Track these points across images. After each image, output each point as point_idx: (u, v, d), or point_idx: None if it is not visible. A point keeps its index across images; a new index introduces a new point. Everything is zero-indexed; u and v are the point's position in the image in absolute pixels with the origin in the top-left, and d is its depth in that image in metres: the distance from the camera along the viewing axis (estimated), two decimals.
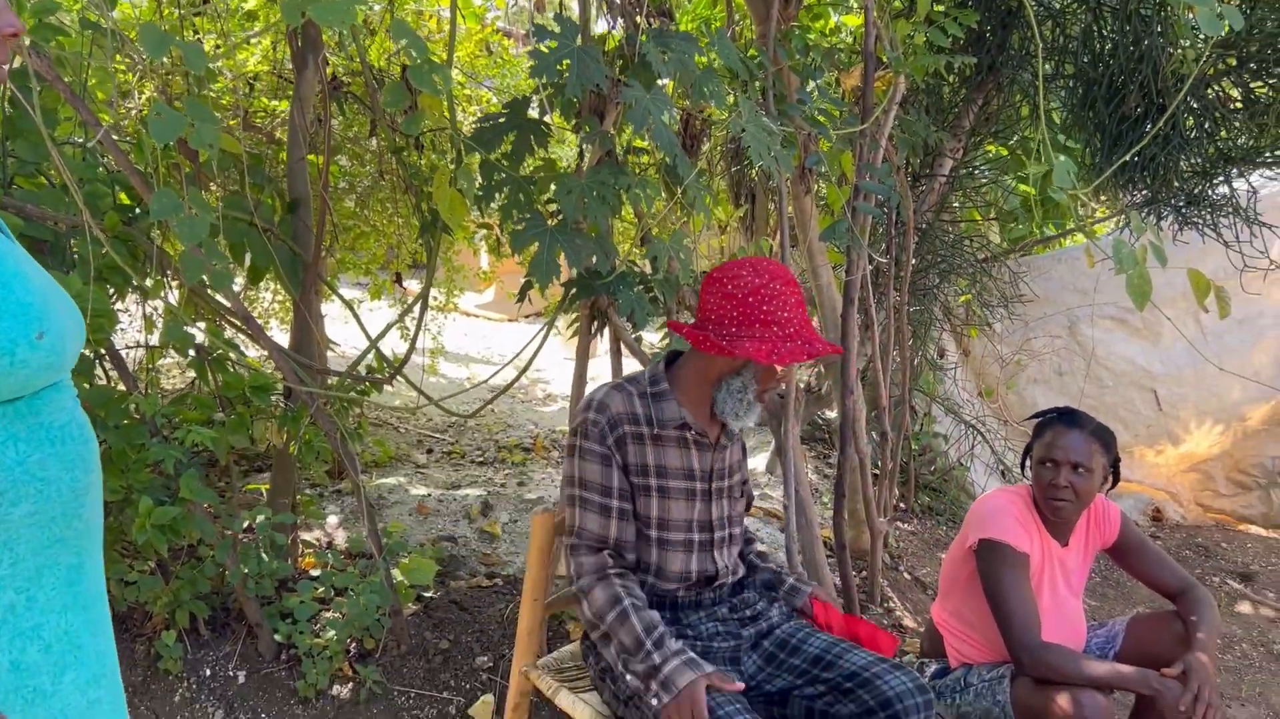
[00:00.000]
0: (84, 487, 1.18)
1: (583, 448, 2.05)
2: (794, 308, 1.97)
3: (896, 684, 1.99)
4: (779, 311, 1.94)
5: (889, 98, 2.96)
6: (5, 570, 1.10)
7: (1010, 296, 4.42)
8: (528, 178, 2.42)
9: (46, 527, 1.13)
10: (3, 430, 1.09)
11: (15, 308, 1.07)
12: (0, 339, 1.04)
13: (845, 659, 2.08)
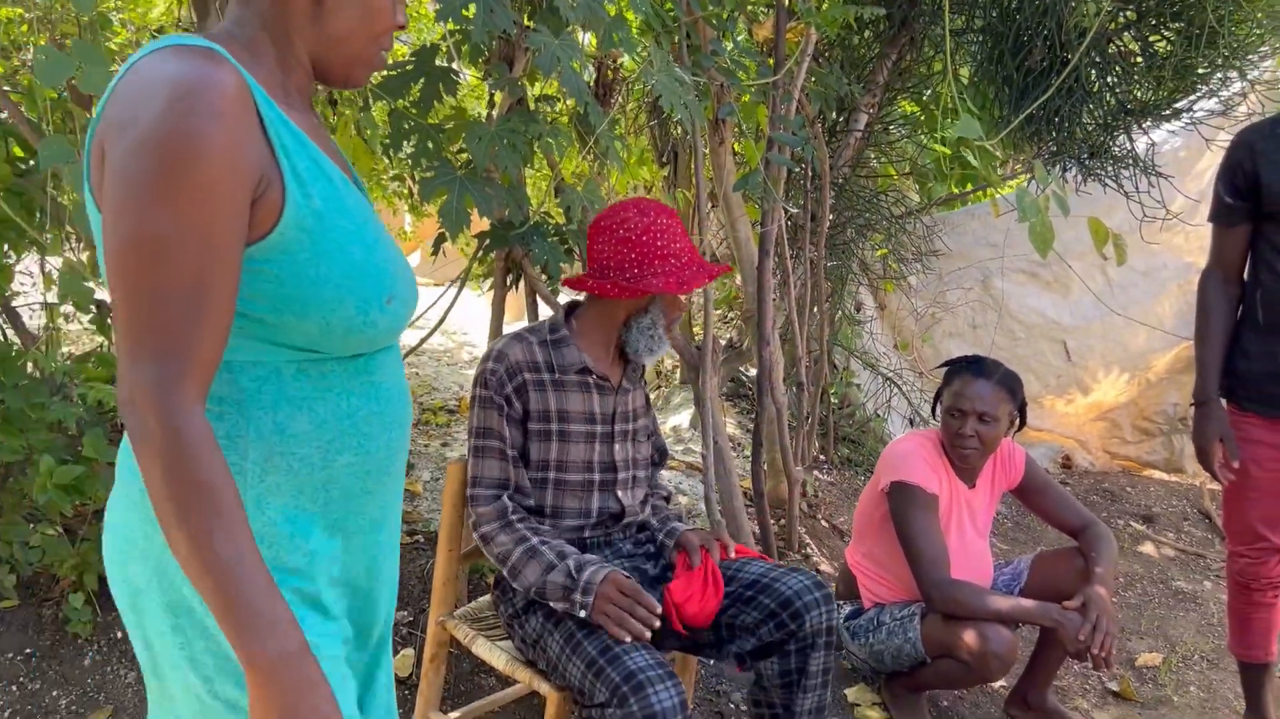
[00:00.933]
0: (397, 447, 1.27)
1: (481, 397, 2.09)
2: (682, 238, 2.06)
3: (795, 584, 2.08)
4: (672, 244, 2.03)
5: (801, 49, 2.98)
6: (320, 509, 1.17)
7: (925, 251, 4.50)
8: (436, 126, 2.39)
9: (361, 479, 1.21)
10: (341, 383, 1.17)
11: (375, 271, 1.14)
12: (359, 299, 1.11)
13: (744, 571, 2.17)
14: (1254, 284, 2.42)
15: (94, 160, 1.03)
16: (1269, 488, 2.44)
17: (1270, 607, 2.54)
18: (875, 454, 4.70)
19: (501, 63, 2.40)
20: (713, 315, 3.02)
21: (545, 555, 1.98)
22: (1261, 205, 2.34)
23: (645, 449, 2.32)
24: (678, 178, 5.17)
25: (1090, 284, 4.99)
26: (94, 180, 1.04)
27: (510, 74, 2.39)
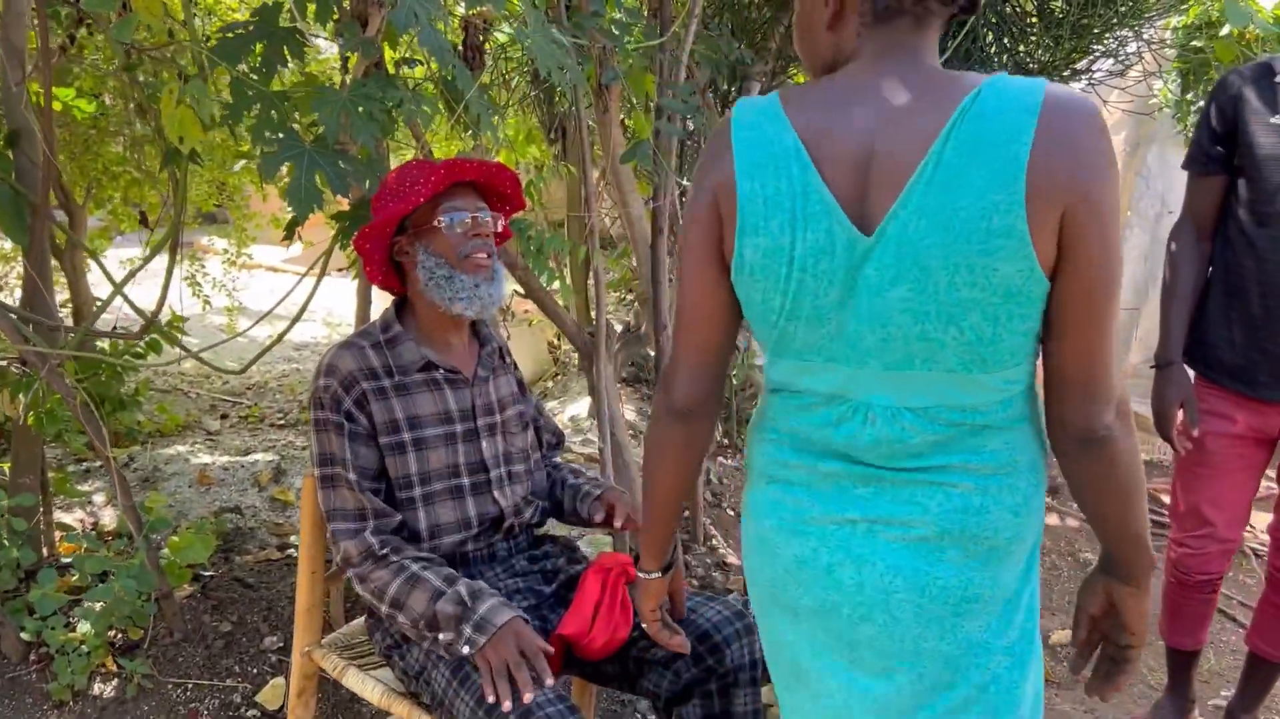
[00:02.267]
0: None
1: (318, 420, 1.84)
2: (432, 170, 1.86)
3: (713, 614, 1.87)
4: (411, 179, 1.85)
5: (688, 10, 2.78)
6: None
7: None
8: (281, 93, 2.11)
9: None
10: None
11: None
12: None
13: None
14: (1222, 243, 2.25)
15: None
16: (1223, 465, 2.29)
17: (1206, 601, 2.43)
18: None
19: (353, 21, 2.13)
20: (605, 297, 2.81)
21: (430, 582, 1.75)
22: (1236, 155, 2.17)
23: (522, 440, 2.08)
24: (567, 154, 4.93)
25: None
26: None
27: (364, 34, 2.12)
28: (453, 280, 1.85)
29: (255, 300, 8.14)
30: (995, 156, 1.02)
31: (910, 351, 1.11)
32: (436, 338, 1.95)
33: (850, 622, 1.20)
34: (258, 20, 2.15)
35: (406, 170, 1.88)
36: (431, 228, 1.86)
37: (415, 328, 1.95)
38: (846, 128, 1.10)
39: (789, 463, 1.23)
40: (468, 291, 1.86)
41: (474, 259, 1.86)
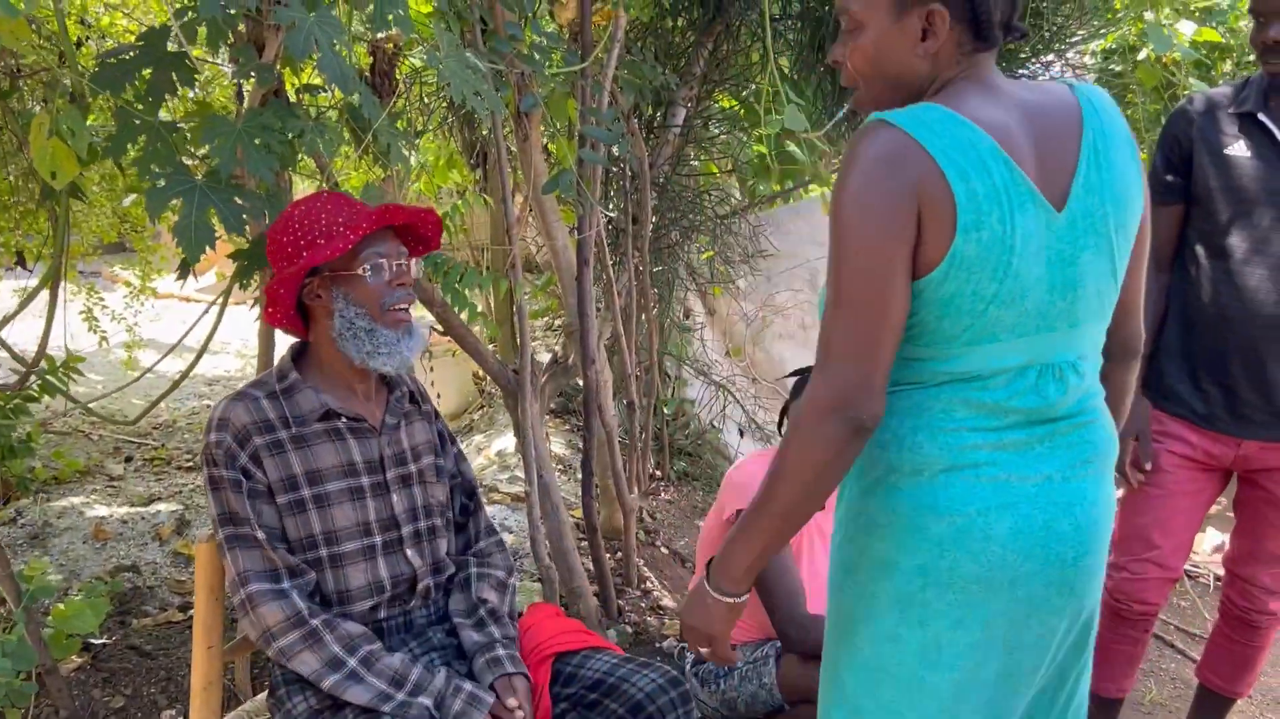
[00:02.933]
0: None
1: (213, 478, 1.69)
2: (340, 208, 1.73)
3: (646, 684, 1.75)
4: (318, 220, 1.71)
5: (610, 34, 2.67)
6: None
7: (752, 252, 4.30)
8: (169, 123, 1.94)
9: None
10: None
11: None
12: None
13: (586, 668, 1.83)
14: (1179, 275, 2.20)
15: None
16: (1175, 487, 2.23)
17: (1137, 641, 2.36)
18: (713, 467, 4.47)
19: (248, 46, 1.98)
20: (530, 332, 2.68)
21: (373, 684, 1.64)
22: (1192, 185, 2.13)
23: (440, 492, 1.93)
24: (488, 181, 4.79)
25: None
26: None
27: (260, 59, 1.96)
28: (374, 334, 1.71)
29: (166, 332, 7.82)
30: (1121, 138, 1.31)
31: (1089, 309, 1.31)
32: (339, 384, 1.80)
33: (1073, 565, 1.33)
34: (143, 45, 1.99)
35: (322, 207, 1.73)
36: (353, 275, 1.71)
37: (316, 374, 1.80)
38: (1017, 126, 1.25)
39: (974, 445, 1.30)
40: (389, 347, 1.72)
41: (395, 313, 1.73)
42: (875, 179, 1.22)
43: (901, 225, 1.21)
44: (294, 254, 1.70)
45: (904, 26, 1.28)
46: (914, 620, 1.34)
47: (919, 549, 1.31)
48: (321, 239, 1.69)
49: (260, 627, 1.66)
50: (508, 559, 2.01)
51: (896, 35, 1.29)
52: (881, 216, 1.21)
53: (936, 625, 1.33)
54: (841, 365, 1.22)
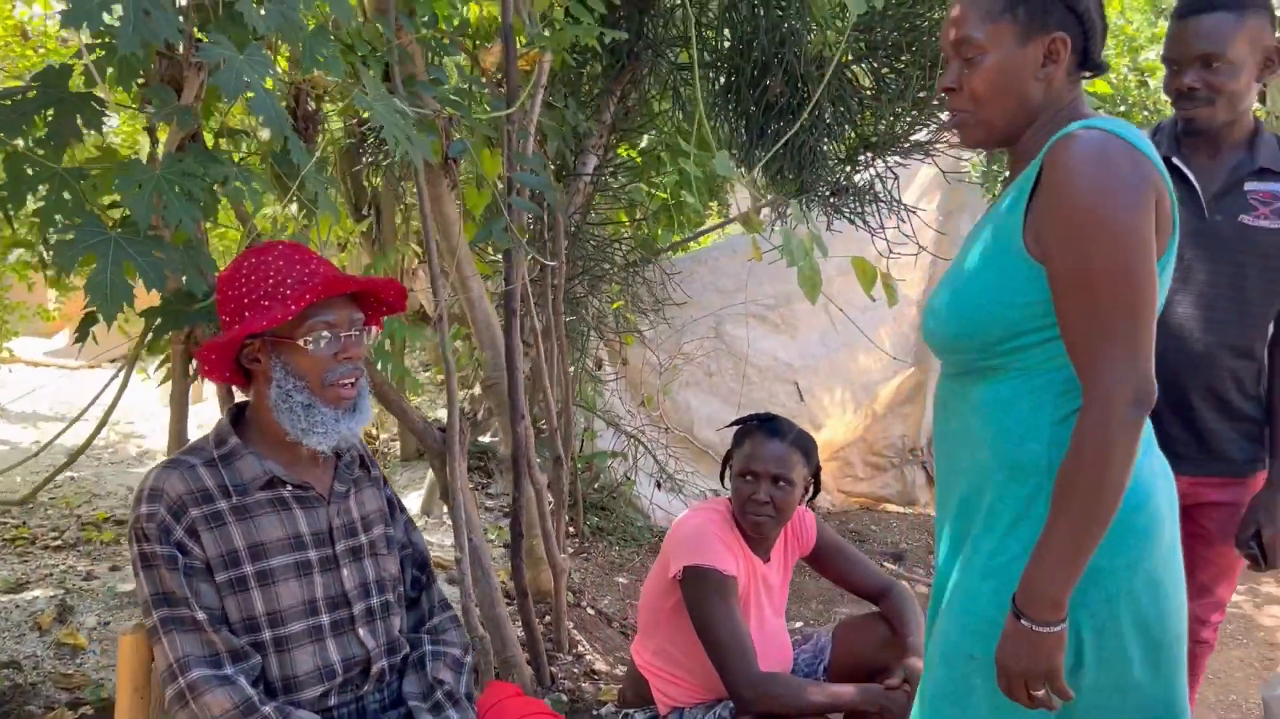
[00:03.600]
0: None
1: (144, 554, 1.52)
2: (287, 267, 1.58)
3: None
4: (264, 282, 1.56)
5: (534, 80, 2.60)
6: None
7: (661, 300, 4.26)
8: (76, 170, 1.76)
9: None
10: None
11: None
12: None
13: None
14: None
15: None
16: None
17: None
18: (627, 520, 4.37)
19: (164, 86, 1.82)
20: (457, 390, 2.54)
21: None
22: None
23: (393, 564, 1.78)
24: (382, 233, 4.63)
25: (816, 323, 5.00)
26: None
27: (179, 101, 1.81)
28: (311, 411, 1.57)
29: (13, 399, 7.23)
30: None
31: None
32: (283, 448, 1.64)
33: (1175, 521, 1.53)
34: (39, 84, 1.81)
35: (273, 262, 1.58)
36: (293, 345, 1.56)
37: (257, 438, 1.64)
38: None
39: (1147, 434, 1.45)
40: (325, 425, 1.59)
41: (338, 389, 1.59)
42: (1127, 183, 1.31)
43: (1150, 221, 1.32)
44: (235, 313, 1.56)
45: (1027, 52, 1.41)
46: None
47: (1125, 547, 1.40)
48: (265, 300, 1.55)
49: (204, 718, 1.48)
50: (463, 635, 1.87)
51: (1020, 60, 1.41)
52: (1138, 210, 1.31)
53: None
54: (1131, 359, 1.29)
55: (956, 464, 1.55)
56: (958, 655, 1.50)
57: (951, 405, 1.55)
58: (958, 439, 1.54)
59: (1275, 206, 2.11)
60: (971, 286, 1.45)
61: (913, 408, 5.37)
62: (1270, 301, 2.15)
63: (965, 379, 1.51)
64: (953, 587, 1.53)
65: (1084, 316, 1.32)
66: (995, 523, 1.45)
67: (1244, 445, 2.19)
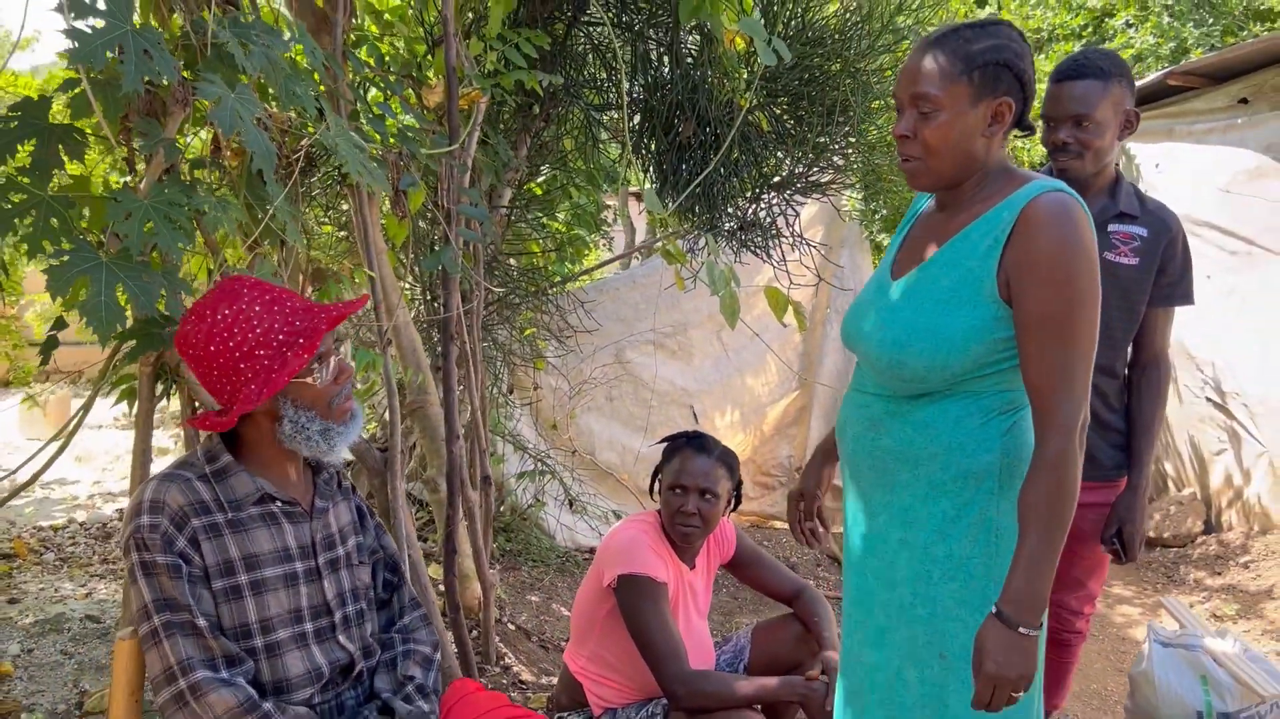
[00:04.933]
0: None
1: (147, 563, 1.60)
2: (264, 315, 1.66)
3: None
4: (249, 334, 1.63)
5: (473, 119, 2.76)
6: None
7: (565, 329, 4.43)
8: (62, 197, 1.83)
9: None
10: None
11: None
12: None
13: None
14: None
15: None
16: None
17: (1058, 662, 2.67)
18: (533, 543, 4.50)
19: (149, 119, 1.91)
20: (399, 411, 2.66)
21: None
22: None
23: (365, 573, 1.91)
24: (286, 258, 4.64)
25: (710, 350, 5.25)
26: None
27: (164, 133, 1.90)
28: (327, 434, 1.70)
29: None
30: None
31: None
32: (273, 466, 1.76)
33: None
34: (20, 115, 1.87)
35: (245, 313, 1.64)
36: (299, 384, 1.67)
37: (249, 458, 1.74)
38: None
39: None
40: (341, 439, 1.73)
41: (343, 406, 1.73)
42: (1089, 241, 1.53)
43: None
44: (229, 368, 1.62)
45: (978, 112, 1.59)
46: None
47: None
48: (261, 350, 1.62)
49: (206, 718, 1.57)
50: (433, 634, 2.00)
51: (971, 119, 1.59)
52: (1096, 270, 1.53)
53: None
54: (1083, 393, 1.50)
55: (892, 478, 1.69)
56: (928, 657, 1.64)
57: (886, 424, 1.69)
58: (895, 455, 1.68)
59: (1132, 245, 2.45)
60: (946, 326, 1.59)
61: (798, 429, 5.69)
62: (1128, 328, 2.49)
63: (907, 401, 1.66)
64: (909, 594, 1.66)
65: (1049, 354, 1.51)
66: (951, 529, 1.62)
67: (1110, 453, 2.50)
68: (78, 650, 2.97)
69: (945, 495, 1.63)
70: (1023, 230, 1.54)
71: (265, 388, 1.59)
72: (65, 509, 5.19)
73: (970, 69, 1.58)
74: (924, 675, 1.66)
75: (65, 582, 3.82)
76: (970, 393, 1.62)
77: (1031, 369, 1.54)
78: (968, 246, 1.62)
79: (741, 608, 4.36)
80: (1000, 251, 1.57)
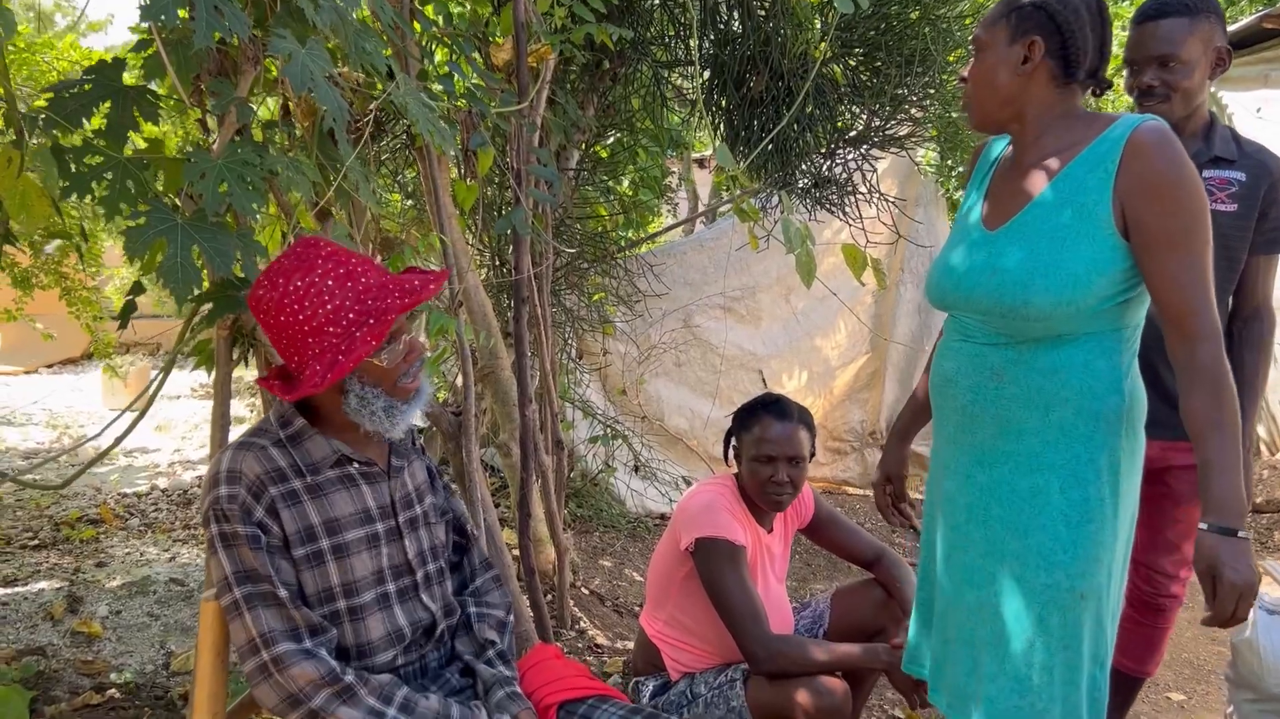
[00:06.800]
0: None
1: (224, 534, 1.58)
2: (340, 284, 1.59)
3: None
4: (321, 307, 1.57)
5: (541, 76, 2.71)
6: None
7: (635, 293, 4.38)
8: (138, 159, 1.82)
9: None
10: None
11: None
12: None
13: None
14: None
15: None
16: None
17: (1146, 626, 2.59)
18: (604, 509, 4.48)
19: (222, 79, 1.89)
20: (472, 374, 2.64)
21: None
22: None
23: (442, 531, 1.89)
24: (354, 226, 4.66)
25: (778, 314, 5.16)
26: None
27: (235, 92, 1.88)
28: (392, 410, 1.66)
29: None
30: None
31: None
32: (346, 428, 1.72)
33: None
34: (94, 77, 1.86)
35: (317, 286, 1.58)
36: (370, 363, 1.63)
37: (322, 422, 1.71)
38: None
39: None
40: (405, 416, 1.69)
41: (409, 385, 1.69)
42: (1190, 163, 1.57)
43: None
44: (296, 341, 1.58)
45: (1013, 51, 1.67)
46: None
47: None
48: (331, 327, 1.57)
49: (289, 689, 1.56)
50: (506, 596, 1.98)
51: (1005, 57, 1.68)
52: (1203, 188, 1.58)
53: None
54: (1214, 303, 1.56)
55: (1019, 426, 1.70)
56: (1069, 600, 1.67)
57: (1010, 372, 1.70)
58: (1022, 402, 1.69)
59: (1230, 191, 2.32)
60: (1068, 261, 1.61)
61: (870, 393, 5.58)
62: (1228, 278, 2.36)
63: (1030, 348, 1.68)
64: (1049, 540, 1.68)
65: (1180, 268, 1.55)
66: (1085, 472, 1.64)
67: None
68: (163, 613, 3.03)
69: (1077, 440, 1.65)
70: (1132, 157, 1.59)
71: (330, 371, 1.55)
72: (148, 476, 5.32)
73: (1010, 10, 1.69)
74: (1066, 619, 1.68)
75: (150, 546, 3.90)
76: (1092, 334, 1.65)
77: (1165, 287, 1.58)
78: (1073, 184, 1.65)
79: (815, 573, 4.31)
80: (1112, 182, 1.60)
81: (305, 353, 1.58)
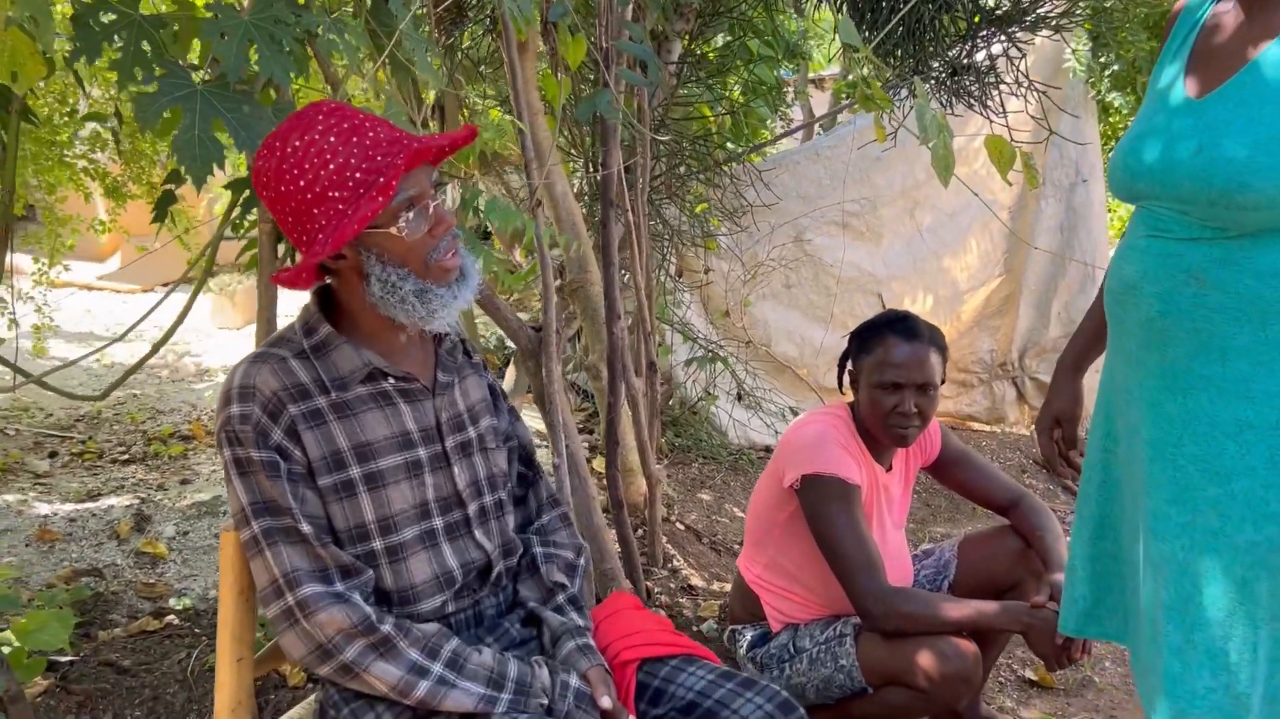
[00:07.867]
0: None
1: (237, 460, 1.34)
2: (346, 139, 1.30)
3: (751, 712, 1.45)
4: (325, 166, 1.29)
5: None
6: None
7: (742, 206, 4.02)
8: (155, 18, 1.56)
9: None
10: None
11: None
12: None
13: (679, 682, 1.53)
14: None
15: None
16: None
17: None
18: (704, 439, 4.19)
19: None
20: (553, 284, 2.35)
21: (469, 688, 1.35)
22: None
23: (502, 458, 1.60)
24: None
25: (902, 230, 4.74)
26: None
27: None
28: (425, 296, 1.36)
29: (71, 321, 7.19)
30: None
31: None
32: (379, 337, 1.44)
33: None
34: None
35: (317, 144, 1.30)
36: (384, 234, 1.34)
37: (349, 326, 1.43)
38: None
39: None
40: (445, 305, 1.38)
41: (444, 264, 1.38)
42: None
43: None
44: (299, 213, 1.31)
45: None
46: None
47: None
48: (335, 192, 1.29)
49: (316, 639, 1.32)
50: (575, 536, 1.70)
51: None
52: None
53: None
54: None
55: (1224, 344, 1.38)
56: (1277, 562, 1.37)
57: (1215, 275, 1.37)
58: (1231, 314, 1.36)
59: None
60: None
61: (1002, 320, 5.12)
62: None
63: (1245, 245, 1.35)
64: (1258, 485, 1.38)
65: None
66: None
67: None
68: None
69: None
70: None
71: (331, 237, 1.27)
72: None
73: None
74: (1276, 584, 1.36)
75: None
76: None
77: None
78: None
79: (935, 516, 3.95)
80: None
81: (312, 227, 1.30)
